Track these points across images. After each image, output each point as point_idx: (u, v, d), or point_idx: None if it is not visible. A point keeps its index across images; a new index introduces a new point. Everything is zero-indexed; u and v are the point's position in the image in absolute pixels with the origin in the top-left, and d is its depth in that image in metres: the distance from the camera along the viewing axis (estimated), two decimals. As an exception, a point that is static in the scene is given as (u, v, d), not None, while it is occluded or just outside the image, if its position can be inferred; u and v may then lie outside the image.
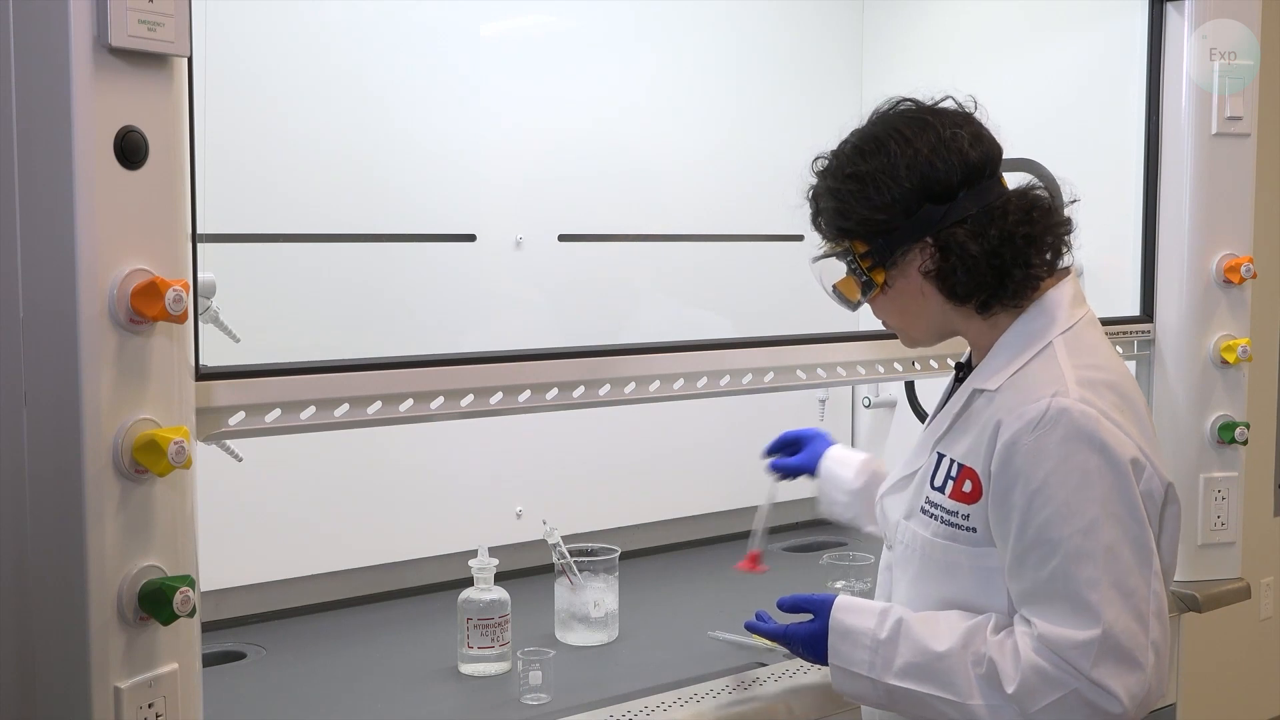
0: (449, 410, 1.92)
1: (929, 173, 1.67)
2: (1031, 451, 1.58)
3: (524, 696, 2.05)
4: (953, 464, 1.69)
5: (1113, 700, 1.54)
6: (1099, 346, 1.72)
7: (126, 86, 1.44)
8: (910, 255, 1.70)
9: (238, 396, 1.69)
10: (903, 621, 1.68)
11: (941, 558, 1.70)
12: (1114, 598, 1.55)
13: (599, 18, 2.95)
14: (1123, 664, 1.54)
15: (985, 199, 1.68)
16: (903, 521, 1.78)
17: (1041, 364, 1.66)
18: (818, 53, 3.33)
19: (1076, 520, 1.56)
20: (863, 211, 1.69)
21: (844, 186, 1.70)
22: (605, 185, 2.94)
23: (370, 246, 2.62)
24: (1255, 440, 2.95)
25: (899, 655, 1.66)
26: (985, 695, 1.60)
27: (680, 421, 2.92)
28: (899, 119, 1.73)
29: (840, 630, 1.73)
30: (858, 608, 1.74)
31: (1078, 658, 1.54)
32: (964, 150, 1.69)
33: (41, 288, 1.44)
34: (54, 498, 1.45)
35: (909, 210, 1.67)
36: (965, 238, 1.66)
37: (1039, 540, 1.58)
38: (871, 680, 1.69)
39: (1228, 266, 2.73)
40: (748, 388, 2.27)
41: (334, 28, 2.57)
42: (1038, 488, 1.58)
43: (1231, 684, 4.38)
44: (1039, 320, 1.70)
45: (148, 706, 1.49)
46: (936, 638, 1.65)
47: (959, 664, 1.62)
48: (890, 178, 1.67)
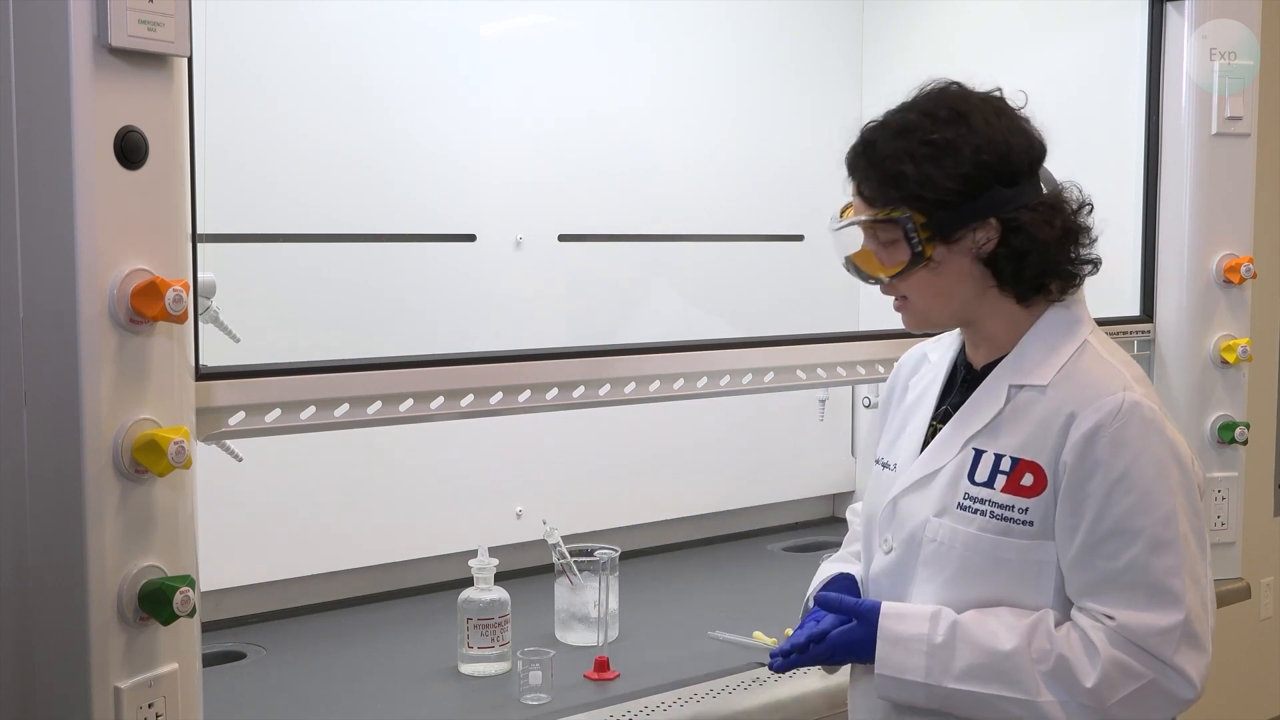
0: (449, 410, 1.92)
1: (1005, 153, 1.64)
2: (1112, 443, 1.59)
3: (524, 696, 2.05)
4: (1000, 458, 1.67)
5: (1188, 686, 1.57)
6: (1115, 344, 1.75)
7: (126, 86, 1.44)
8: (970, 233, 1.65)
9: (238, 396, 1.69)
10: (957, 624, 1.64)
11: (990, 552, 1.66)
12: (1190, 585, 1.57)
13: (599, 18, 2.95)
14: (1196, 648, 1.57)
15: (1040, 191, 1.68)
16: (933, 519, 1.71)
17: (1093, 360, 1.66)
18: (818, 53, 3.33)
19: (1157, 510, 1.58)
20: (937, 179, 1.62)
21: (920, 150, 1.62)
22: (605, 185, 2.93)
23: (370, 246, 2.62)
24: (1255, 440, 2.95)
25: (958, 658, 1.63)
26: (1054, 691, 1.59)
27: (680, 421, 2.92)
28: (974, 95, 1.69)
29: (891, 638, 1.67)
30: (906, 613, 1.68)
31: (1160, 645, 1.56)
32: (1033, 137, 1.69)
33: (41, 288, 1.44)
34: (54, 498, 1.45)
35: (979, 187, 1.63)
36: (1035, 222, 1.64)
37: (1117, 530, 1.58)
38: (927, 686, 1.64)
39: (1228, 266, 2.73)
40: (748, 388, 2.27)
41: (334, 28, 2.56)
42: (1119, 478, 1.58)
43: (1231, 684, 4.38)
44: (1071, 314, 1.71)
45: (148, 706, 1.49)
46: (996, 637, 1.62)
47: (1024, 661, 1.60)
48: (970, 148, 1.63)
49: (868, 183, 1.67)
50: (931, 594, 1.70)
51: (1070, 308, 1.72)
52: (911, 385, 1.86)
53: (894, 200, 1.64)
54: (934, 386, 1.81)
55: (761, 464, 3.21)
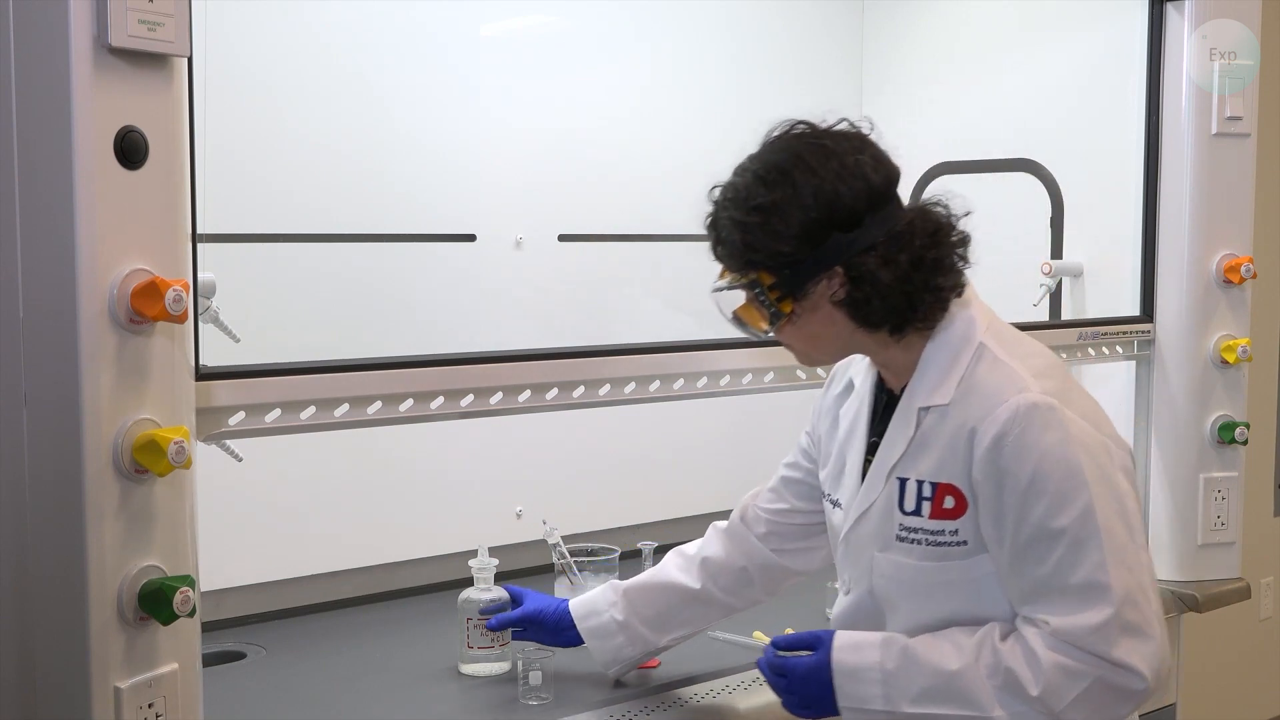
0: (449, 410, 1.92)
1: (835, 201, 1.62)
2: (1015, 450, 1.59)
3: (524, 696, 2.05)
4: (921, 485, 1.68)
5: (1135, 676, 1.56)
6: (1020, 338, 1.73)
7: (126, 86, 1.44)
8: (820, 285, 1.66)
9: (238, 396, 1.69)
10: (908, 648, 1.67)
11: (935, 578, 1.68)
12: (1120, 575, 1.56)
13: (599, 18, 2.95)
14: (1137, 638, 1.56)
15: (890, 223, 1.65)
16: (878, 555, 1.74)
17: (988, 367, 1.65)
18: (818, 53, 3.33)
19: (1072, 508, 1.57)
20: (770, 244, 1.64)
21: (748, 219, 1.65)
22: (605, 185, 2.93)
23: (370, 246, 2.62)
24: (1255, 440, 2.95)
25: (912, 683, 1.65)
26: (1006, 704, 1.59)
27: (680, 421, 2.92)
28: (800, 145, 1.67)
29: (845, 671, 1.69)
30: (858, 643, 1.71)
31: (1096, 642, 1.55)
32: (868, 175, 1.64)
33: (41, 288, 1.44)
34: (54, 498, 1.45)
35: (816, 240, 1.63)
36: (876, 265, 1.63)
37: (1038, 535, 1.58)
38: (888, 713, 1.67)
39: (1228, 266, 2.73)
40: (747, 388, 2.27)
41: (334, 28, 2.56)
42: (1028, 484, 1.58)
43: (1231, 684, 4.38)
44: (956, 329, 1.69)
45: (148, 706, 1.49)
46: (946, 657, 1.64)
47: (975, 679, 1.61)
48: (796, 208, 1.62)
49: (717, 251, 1.72)
50: (898, 625, 1.74)
51: (961, 312, 1.70)
52: (842, 415, 1.86)
53: (740, 266, 1.69)
54: (861, 417, 1.82)
55: (761, 464, 3.20)
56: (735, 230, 1.67)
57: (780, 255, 1.64)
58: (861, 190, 1.64)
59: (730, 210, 1.68)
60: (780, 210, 1.63)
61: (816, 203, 1.62)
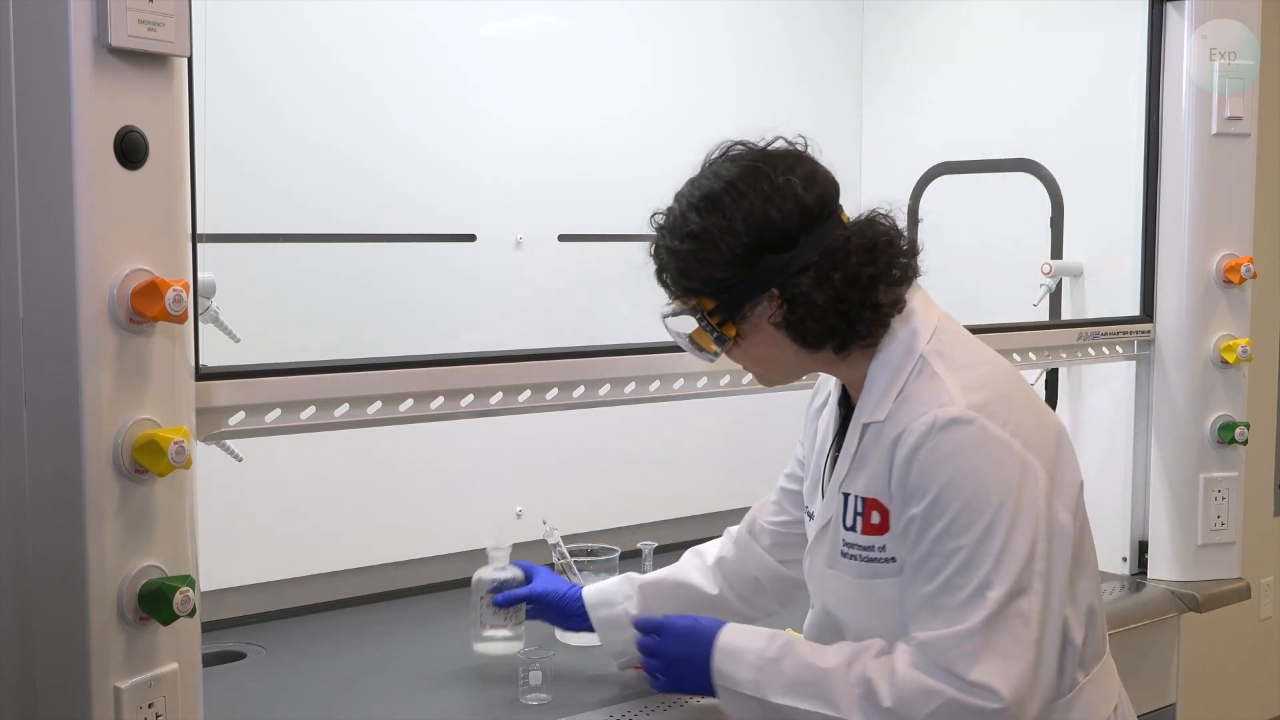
0: (449, 410, 1.92)
1: (766, 224, 1.63)
2: (924, 466, 1.57)
3: (524, 696, 2.05)
4: (858, 500, 1.68)
5: (993, 696, 1.52)
6: (968, 346, 1.71)
7: (126, 86, 1.44)
8: (758, 307, 1.66)
9: (238, 396, 1.69)
10: (791, 642, 1.67)
11: (873, 595, 1.67)
12: (1001, 597, 1.53)
13: (599, 18, 2.95)
14: (1003, 659, 1.52)
15: (826, 241, 1.64)
16: (828, 572, 1.75)
17: (923, 382, 1.64)
18: (818, 53, 3.33)
19: (971, 530, 1.55)
20: (704, 271, 1.66)
21: (682, 246, 1.67)
22: (605, 185, 2.93)
23: (370, 246, 2.62)
24: (1255, 440, 2.95)
25: (784, 674, 1.64)
26: (866, 713, 1.58)
27: (680, 421, 2.92)
28: (730, 169, 1.68)
29: (727, 650, 1.70)
30: (749, 631, 1.73)
31: (955, 660, 1.53)
32: (799, 195, 1.64)
33: (41, 288, 1.44)
34: (54, 498, 1.45)
35: (750, 264, 1.64)
36: (809, 286, 1.63)
37: (932, 553, 1.57)
38: (759, 701, 1.66)
39: (1228, 266, 2.73)
40: (747, 388, 2.27)
41: (334, 28, 2.56)
42: (934, 500, 1.57)
43: (1231, 684, 4.38)
44: (899, 344, 1.68)
45: (148, 706, 1.49)
46: (823, 655, 1.64)
47: (840, 682, 1.60)
48: (727, 233, 1.63)
49: (660, 278, 1.74)
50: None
51: (903, 327, 1.68)
52: (819, 428, 1.87)
53: (680, 293, 1.71)
54: (830, 432, 1.82)
55: (761, 464, 3.20)
56: (672, 259, 1.70)
57: (715, 281, 1.66)
58: (792, 210, 1.64)
59: (667, 239, 1.71)
60: (712, 237, 1.65)
61: (747, 227, 1.63)
